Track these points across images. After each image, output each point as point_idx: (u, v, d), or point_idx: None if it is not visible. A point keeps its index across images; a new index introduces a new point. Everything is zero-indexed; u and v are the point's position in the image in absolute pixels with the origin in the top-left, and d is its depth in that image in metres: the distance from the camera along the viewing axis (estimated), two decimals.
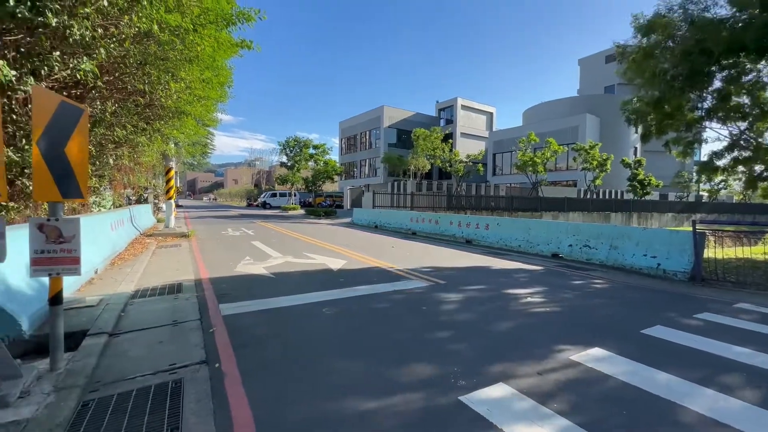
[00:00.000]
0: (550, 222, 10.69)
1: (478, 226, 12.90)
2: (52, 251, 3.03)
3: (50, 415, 2.48)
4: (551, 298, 5.74)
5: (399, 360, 3.48)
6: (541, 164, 28.38)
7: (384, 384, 3.05)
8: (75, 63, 5.60)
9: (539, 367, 3.36)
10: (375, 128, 45.18)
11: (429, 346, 3.82)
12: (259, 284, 6.33)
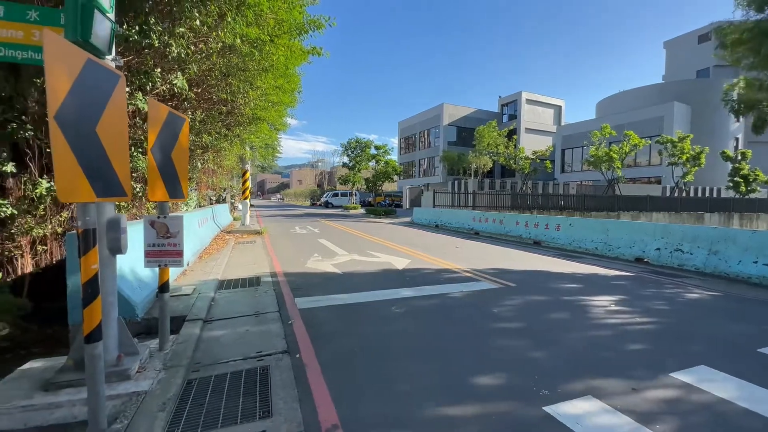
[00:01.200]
0: (633, 222, 9.71)
1: (547, 227, 12.15)
2: (161, 245, 3.42)
3: (162, 389, 2.80)
4: (640, 307, 5.20)
5: (475, 364, 3.39)
6: (618, 159, 25.91)
7: (462, 388, 2.98)
8: (171, 78, 6.28)
9: (633, 383, 3.05)
10: (434, 126, 44.74)
11: (505, 352, 3.67)
12: (329, 280, 6.59)
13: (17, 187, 5.79)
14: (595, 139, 26.97)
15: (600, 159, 25.99)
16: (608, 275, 7.32)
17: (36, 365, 3.13)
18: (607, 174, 27.17)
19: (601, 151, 26.09)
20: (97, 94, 2.25)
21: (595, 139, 26.97)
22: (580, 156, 37.63)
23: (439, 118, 43.46)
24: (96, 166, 2.20)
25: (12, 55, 2.81)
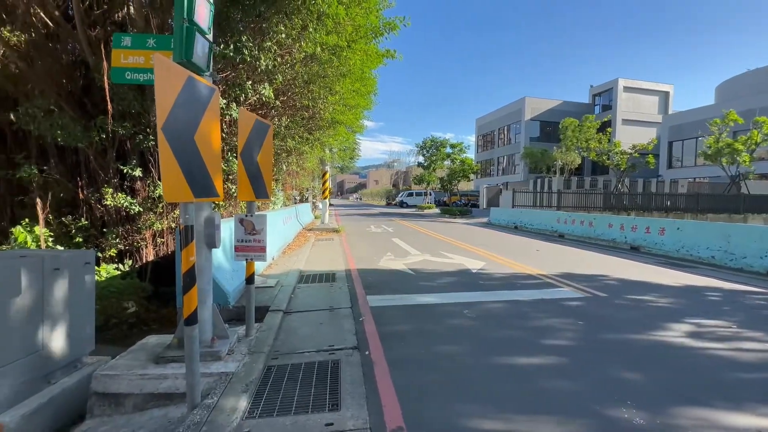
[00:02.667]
0: (765, 228, 8.02)
1: (648, 230, 10.68)
2: (248, 240, 3.77)
3: (247, 372, 3.08)
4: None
5: (555, 378, 3.11)
6: (746, 151, 21.67)
7: (539, 403, 2.76)
8: (260, 89, 6.89)
9: (759, 422, 2.51)
10: (515, 122, 42.35)
11: (590, 369, 3.30)
12: (401, 280, 6.63)
13: (143, 189, 6.89)
14: (714, 128, 22.92)
15: (720, 151, 22.02)
16: (731, 290, 6.16)
17: (151, 340, 3.68)
18: (729, 169, 22.93)
19: (723, 141, 22.08)
20: (195, 107, 2.56)
21: (714, 128, 22.91)
22: (693, 148, 32.34)
23: (521, 113, 40.99)
24: (194, 170, 2.50)
25: (137, 78, 3.34)
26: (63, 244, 6.46)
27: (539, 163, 35.59)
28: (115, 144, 6.66)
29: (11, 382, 2.63)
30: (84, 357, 3.37)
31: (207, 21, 3.05)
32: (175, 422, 2.66)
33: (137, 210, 6.53)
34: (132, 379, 2.98)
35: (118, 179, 6.67)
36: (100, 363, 3.33)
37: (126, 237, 6.79)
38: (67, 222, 6.63)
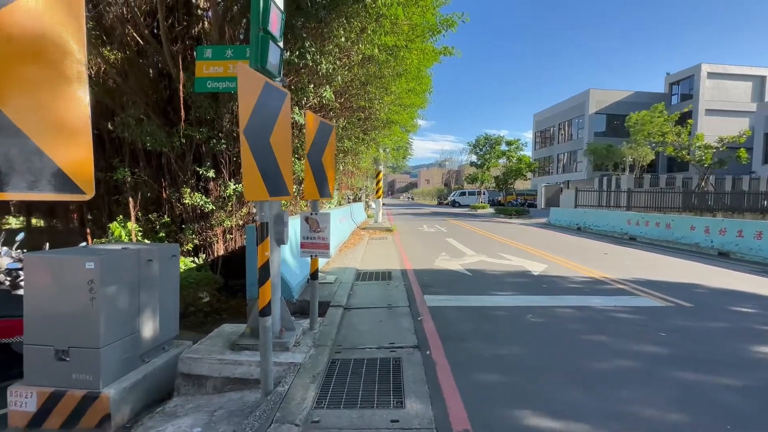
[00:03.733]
0: None
1: (741, 234, 9.44)
2: (312, 238, 3.92)
3: (313, 364, 3.21)
4: None
5: (633, 393, 2.86)
6: None
7: (618, 420, 2.55)
8: (321, 91, 7.13)
9: None
10: (578, 116, 39.66)
11: (676, 385, 2.99)
12: (458, 280, 6.51)
13: (215, 189, 7.48)
14: None
15: None
16: None
17: (227, 328, 3.98)
18: None
19: None
20: (271, 111, 2.72)
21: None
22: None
23: (584, 107, 38.30)
24: (269, 171, 2.65)
25: (216, 86, 3.62)
26: (149, 239, 7.22)
27: (605, 160, 32.99)
28: (192, 148, 7.29)
29: (115, 358, 2.99)
30: (170, 340, 3.73)
31: (279, 29, 3.22)
32: (250, 405, 2.84)
33: (210, 208, 7.10)
34: (212, 363, 3.24)
35: (194, 180, 7.31)
36: (183, 347, 3.67)
37: (200, 233, 7.42)
38: (153, 219, 7.39)
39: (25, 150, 1.19)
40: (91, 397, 2.82)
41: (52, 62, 1.26)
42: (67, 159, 1.30)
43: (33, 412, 2.82)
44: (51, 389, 2.83)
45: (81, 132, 1.34)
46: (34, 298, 2.89)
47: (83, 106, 1.34)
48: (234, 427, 2.55)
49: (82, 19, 1.34)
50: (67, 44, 1.30)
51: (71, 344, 2.84)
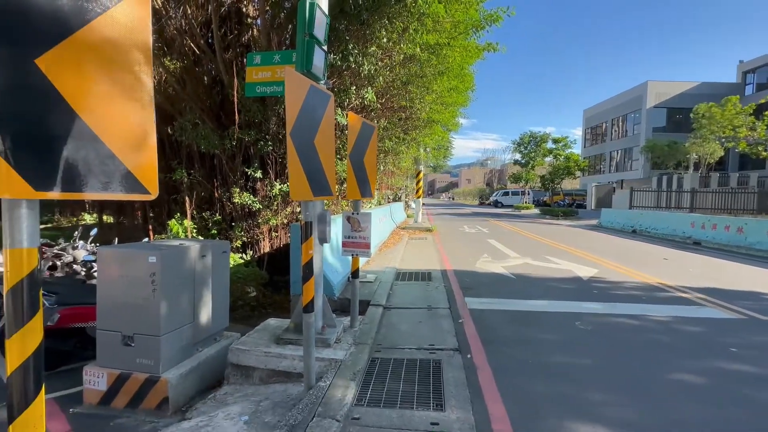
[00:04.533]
0: None
1: None
2: (354, 237, 3.98)
3: (353, 361, 3.26)
4: None
5: (694, 413, 2.62)
6: None
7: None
8: (363, 93, 7.22)
9: None
10: (633, 111, 36.96)
11: (747, 405, 2.69)
12: (500, 283, 6.32)
13: (262, 189, 7.83)
14: None
15: None
16: None
17: (272, 322, 4.15)
18: None
19: None
20: (315, 113, 2.79)
21: None
22: None
23: (641, 100, 35.59)
24: (313, 171, 2.73)
25: (264, 91, 3.79)
26: (202, 235, 7.71)
27: (665, 158, 30.44)
28: (241, 150, 7.69)
29: (174, 345, 3.22)
30: (221, 331, 3.95)
31: (324, 33, 3.30)
32: (293, 398, 2.94)
33: (258, 207, 7.44)
34: (258, 356, 3.39)
35: (243, 180, 7.70)
36: (233, 338, 3.88)
37: (248, 230, 7.80)
38: (206, 217, 7.88)
39: (101, 154, 1.31)
40: (152, 381, 3.06)
41: (123, 73, 1.38)
42: (135, 162, 1.41)
43: (104, 390, 3.12)
44: (118, 371, 3.10)
45: (147, 137, 1.45)
46: (106, 288, 3.19)
47: (149, 114, 1.45)
48: (278, 418, 2.65)
49: (148, 33, 1.45)
50: (135, 57, 1.41)
51: (136, 331, 3.10)
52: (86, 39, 1.27)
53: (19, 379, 1.20)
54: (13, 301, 1.18)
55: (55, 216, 16.03)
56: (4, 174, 1.11)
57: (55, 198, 1.22)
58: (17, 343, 1.19)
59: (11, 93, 1.12)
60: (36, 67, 1.16)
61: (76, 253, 5.16)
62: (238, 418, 2.67)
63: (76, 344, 3.88)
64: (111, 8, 1.33)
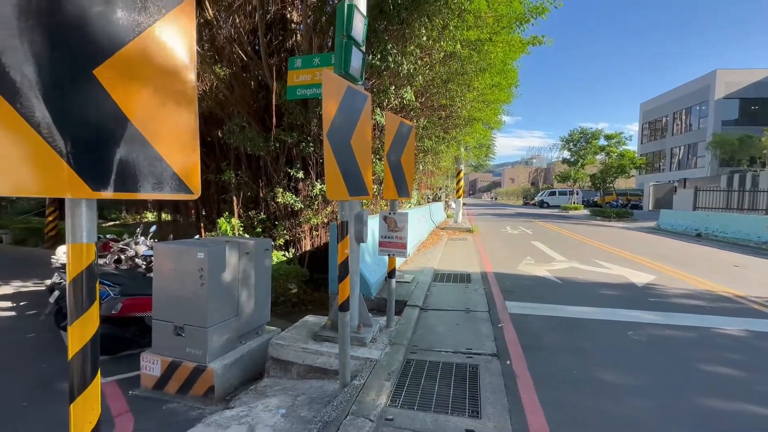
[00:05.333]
0: None
1: None
2: (390, 237, 3.98)
3: (389, 361, 3.26)
4: None
5: None
6: None
7: None
8: (402, 92, 7.19)
9: None
10: (699, 103, 33.76)
11: None
12: (544, 287, 6.03)
13: (304, 189, 8.06)
14: None
15: None
16: None
17: (310, 319, 4.25)
18: None
19: None
20: (352, 114, 2.82)
21: None
22: None
23: (708, 91, 32.42)
24: (349, 171, 2.76)
25: (305, 93, 3.89)
26: (248, 233, 8.08)
27: (737, 154, 27.54)
28: (285, 151, 7.96)
29: (219, 337, 3.40)
30: (263, 326, 4.12)
31: (362, 34, 3.32)
32: (329, 395, 3.00)
33: (299, 207, 7.67)
34: (296, 351, 3.49)
35: (286, 181, 7.97)
36: (273, 333, 4.02)
37: (291, 229, 8.06)
38: (252, 215, 8.25)
39: (149, 156, 1.41)
40: (200, 370, 3.25)
41: (169, 80, 1.47)
42: (180, 164, 1.50)
43: (158, 376, 3.36)
44: (171, 359, 3.33)
45: (191, 140, 1.53)
46: (160, 281, 3.44)
47: (192, 118, 1.54)
48: (313, 414, 2.71)
49: (193, 42, 1.53)
50: (180, 65, 1.50)
51: (186, 322, 3.31)
52: (137, 50, 1.36)
53: (79, 363, 1.31)
54: (74, 290, 1.29)
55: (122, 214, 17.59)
56: (66, 176, 1.21)
57: (108, 197, 1.32)
58: (77, 329, 1.30)
59: (73, 102, 1.23)
60: (94, 78, 1.26)
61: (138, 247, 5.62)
62: (276, 410, 2.76)
63: (136, 332, 4.22)
64: (159, 20, 1.42)
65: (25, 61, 1.14)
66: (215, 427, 2.56)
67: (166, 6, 1.44)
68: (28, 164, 1.15)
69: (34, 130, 1.15)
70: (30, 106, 1.15)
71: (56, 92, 1.20)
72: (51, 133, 1.19)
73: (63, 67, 1.21)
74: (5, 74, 1.11)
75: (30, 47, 1.15)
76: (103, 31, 1.28)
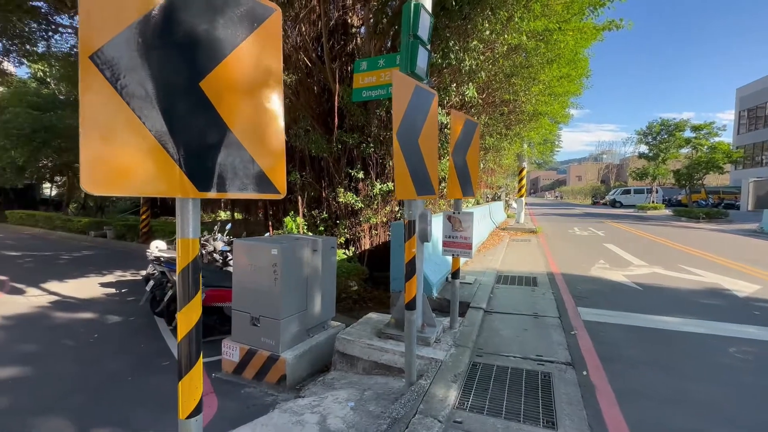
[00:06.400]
0: None
1: None
2: (454, 237, 3.91)
3: (454, 363, 3.21)
4: None
5: None
6: None
7: None
8: (464, 89, 7.04)
9: None
10: None
11: None
12: (622, 294, 5.53)
13: (364, 188, 8.24)
14: None
15: None
16: None
17: (373, 316, 4.33)
18: None
19: None
20: (420, 113, 2.82)
21: None
22: None
23: None
24: (417, 171, 2.76)
25: (369, 95, 3.97)
26: (311, 232, 8.46)
27: None
28: (346, 152, 8.20)
29: (290, 329, 3.60)
30: (329, 320, 4.28)
31: (427, 33, 3.31)
32: (394, 392, 3.03)
33: (360, 206, 7.86)
34: (362, 347, 3.57)
35: (347, 181, 8.21)
36: (339, 328, 4.16)
37: (351, 228, 8.29)
38: (315, 215, 8.62)
39: (243, 159, 1.53)
40: (273, 359, 3.47)
41: (260, 89, 1.58)
42: (269, 166, 1.61)
43: (236, 362, 3.64)
44: (248, 347, 3.59)
45: (278, 144, 1.64)
46: (238, 274, 3.72)
47: (280, 124, 1.64)
48: (381, 409, 2.75)
49: (280, 54, 1.63)
50: (269, 74, 1.61)
51: (261, 314, 3.55)
52: (233, 64, 1.48)
53: (186, 345, 1.46)
54: (182, 281, 1.45)
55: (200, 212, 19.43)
56: (178, 178, 1.36)
57: (211, 197, 1.45)
58: (185, 315, 1.45)
59: (184, 111, 1.38)
60: (200, 90, 1.40)
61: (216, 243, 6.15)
62: (345, 402, 2.86)
63: (216, 320, 4.63)
64: (251, 35, 1.54)
65: (147, 78, 1.30)
66: (290, 413, 2.71)
67: (257, 19, 1.55)
68: (149, 168, 1.31)
69: (155, 138, 1.31)
70: (151, 117, 1.31)
71: (170, 104, 1.35)
72: (166, 141, 1.34)
73: (176, 82, 1.35)
74: (133, 91, 1.27)
75: (150, 66, 1.30)
76: (207, 48, 1.41)
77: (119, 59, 1.23)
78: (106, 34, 1.20)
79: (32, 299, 6.00)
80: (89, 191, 1.20)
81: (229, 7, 1.46)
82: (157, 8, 1.29)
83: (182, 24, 1.35)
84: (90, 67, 1.18)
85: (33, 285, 6.76)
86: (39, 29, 8.95)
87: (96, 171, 1.20)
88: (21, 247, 11.50)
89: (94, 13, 1.18)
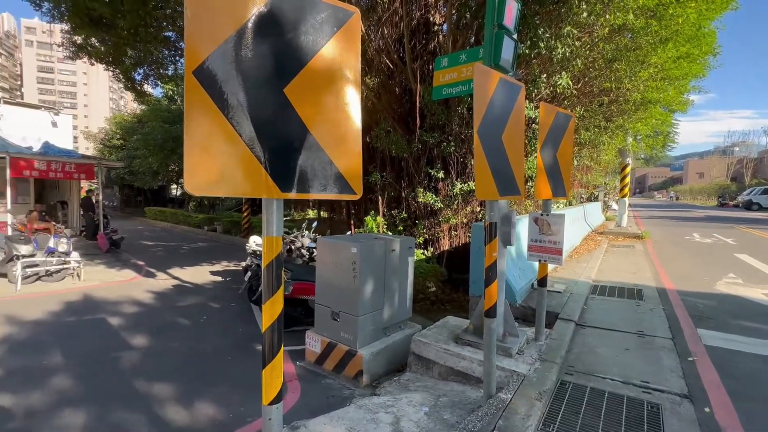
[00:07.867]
0: None
1: None
2: (542, 241, 3.59)
3: (539, 379, 2.94)
4: None
5: None
6: None
7: None
8: (556, 80, 6.45)
9: None
10: None
11: None
12: (760, 316, 4.52)
13: (443, 188, 8.08)
14: None
15: None
16: None
17: (451, 320, 4.20)
18: None
19: None
20: (504, 107, 2.63)
21: None
22: None
23: None
24: (500, 170, 2.58)
25: (450, 92, 3.86)
26: (391, 231, 8.58)
27: None
28: (425, 152, 8.14)
29: (368, 326, 3.68)
30: (405, 321, 4.27)
31: (514, 21, 3.08)
32: (471, 402, 2.88)
33: (439, 206, 7.72)
34: (438, 351, 3.49)
35: (426, 181, 8.14)
36: (415, 329, 4.13)
37: (430, 228, 8.20)
38: (394, 214, 8.73)
39: (323, 161, 1.58)
40: (351, 353, 3.57)
41: (339, 93, 1.61)
42: (346, 167, 1.63)
43: (318, 353, 3.84)
44: (328, 340, 3.77)
45: (355, 146, 1.66)
46: (321, 270, 3.92)
47: (357, 126, 1.66)
48: (456, 419, 2.64)
49: (358, 59, 1.65)
50: (348, 79, 1.63)
51: (340, 309, 3.69)
52: (314, 69, 1.54)
53: (269, 335, 1.56)
54: (267, 275, 1.55)
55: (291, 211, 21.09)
56: (264, 179, 1.46)
57: (292, 197, 1.53)
58: (269, 307, 1.55)
59: (270, 117, 1.47)
60: (284, 96, 1.48)
61: (303, 240, 6.59)
62: (419, 407, 2.81)
63: (301, 312, 4.96)
64: (330, 40, 1.57)
65: (239, 87, 1.41)
66: (365, 410, 2.76)
67: (338, 23, 1.58)
68: (240, 170, 1.42)
69: (246, 144, 1.42)
70: (242, 124, 1.41)
71: (258, 110, 1.44)
72: (255, 146, 1.43)
73: (263, 89, 1.45)
74: (227, 100, 1.39)
75: (241, 76, 1.41)
76: (292, 55, 1.48)
77: (216, 72, 1.35)
78: (206, 51, 1.33)
79: (161, 282, 7.15)
80: (190, 192, 1.34)
81: (311, 14, 1.51)
82: (248, 22, 1.39)
83: (270, 35, 1.44)
84: (192, 81, 1.32)
85: (161, 270, 8.06)
86: (169, 55, 10.63)
87: (196, 176, 1.34)
88: (154, 237, 13.87)
89: (195, 33, 1.32)
